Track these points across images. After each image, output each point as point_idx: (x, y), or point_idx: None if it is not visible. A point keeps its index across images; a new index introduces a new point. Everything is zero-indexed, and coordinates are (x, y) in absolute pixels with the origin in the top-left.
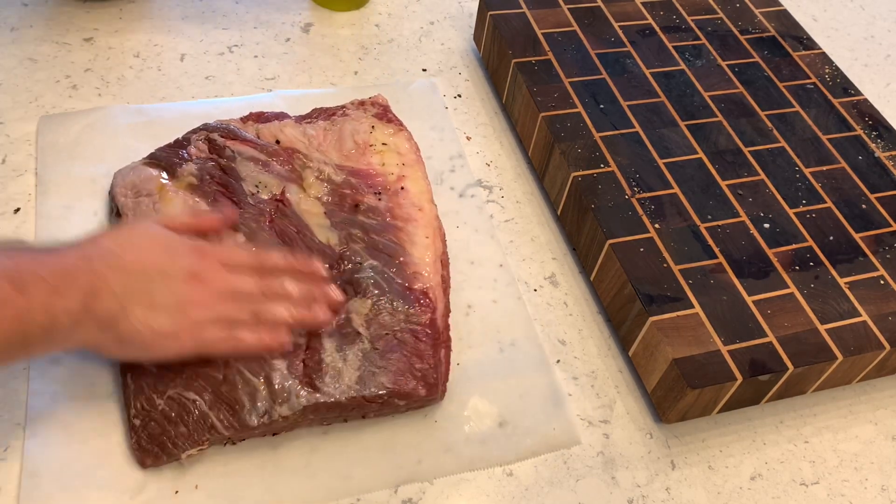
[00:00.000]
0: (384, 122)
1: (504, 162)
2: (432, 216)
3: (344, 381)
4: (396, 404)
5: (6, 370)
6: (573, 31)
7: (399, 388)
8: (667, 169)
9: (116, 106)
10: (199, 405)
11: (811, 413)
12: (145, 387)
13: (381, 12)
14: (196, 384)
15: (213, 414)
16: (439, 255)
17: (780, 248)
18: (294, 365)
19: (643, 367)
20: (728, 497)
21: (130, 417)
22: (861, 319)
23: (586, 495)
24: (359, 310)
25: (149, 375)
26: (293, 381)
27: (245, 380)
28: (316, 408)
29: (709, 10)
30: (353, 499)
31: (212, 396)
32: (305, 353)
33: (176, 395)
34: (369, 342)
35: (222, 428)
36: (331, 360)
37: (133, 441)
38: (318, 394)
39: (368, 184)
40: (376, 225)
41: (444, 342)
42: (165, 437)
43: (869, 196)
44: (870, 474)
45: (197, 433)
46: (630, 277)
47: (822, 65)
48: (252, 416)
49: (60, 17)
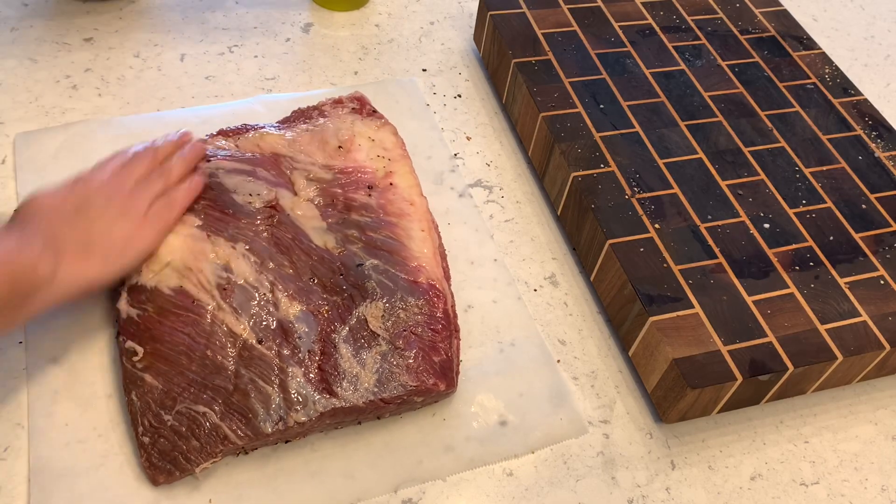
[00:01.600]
0: (365, 117)
1: (504, 162)
2: (424, 209)
3: (362, 385)
4: (414, 402)
5: (6, 370)
6: (573, 31)
7: (420, 386)
8: (667, 169)
9: (93, 121)
10: (210, 417)
11: (811, 413)
12: (151, 403)
13: (381, 12)
14: (205, 396)
15: (226, 424)
16: (437, 246)
17: (780, 248)
18: (309, 371)
19: (643, 367)
20: (728, 497)
21: (139, 436)
22: (861, 319)
23: (586, 495)
24: (372, 312)
25: (154, 391)
26: (309, 388)
27: (258, 388)
28: (333, 413)
29: (709, 10)
30: (353, 499)
31: (223, 407)
32: (321, 359)
33: (185, 410)
34: (387, 343)
35: (236, 438)
36: (348, 364)
37: (143, 459)
38: (334, 399)
39: (358, 181)
40: (371, 222)
41: (455, 332)
42: (177, 452)
43: (869, 196)
44: (870, 474)
45: (210, 445)
46: (630, 277)
47: (822, 65)
48: (266, 424)
49: (60, 17)
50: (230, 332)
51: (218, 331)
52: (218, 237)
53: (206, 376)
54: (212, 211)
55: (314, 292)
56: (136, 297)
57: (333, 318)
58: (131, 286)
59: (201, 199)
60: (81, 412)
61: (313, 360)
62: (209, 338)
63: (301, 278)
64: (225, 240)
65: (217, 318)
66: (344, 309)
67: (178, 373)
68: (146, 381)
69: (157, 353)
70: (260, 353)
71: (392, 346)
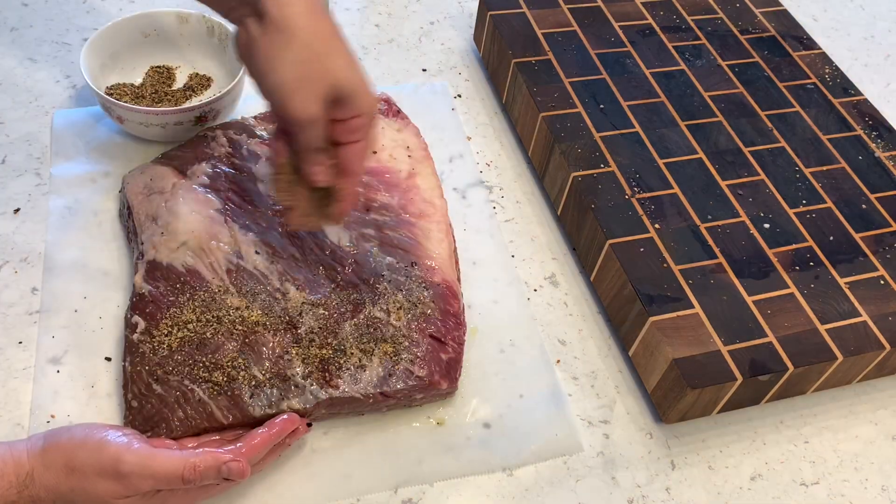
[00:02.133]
0: (389, 118)
1: (504, 162)
2: (444, 212)
3: (364, 378)
4: (415, 398)
5: (6, 370)
6: (573, 31)
7: (426, 381)
8: (667, 169)
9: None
10: (199, 393)
11: (811, 413)
12: (144, 373)
13: (381, 12)
14: (199, 374)
15: (214, 402)
16: (453, 249)
17: (780, 248)
18: (310, 360)
19: (643, 367)
20: (728, 497)
21: (128, 400)
22: (861, 319)
23: (586, 495)
24: (383, 308)
25: (150, 362)
26: (307, 377)
27: (253, 372)
28: (330, 403)
29: (709, 10)
30: (353, 499)
31: (214, 386)
32: (324, 350)
33: (176, 383)
34: (397, 338)
35: (221, 416)
36: (352, 357)
37: (127, 422)
38: (332, 389)
39: (380, 180)
40: (389, 221)
41: (464, 333)
42: (161, 419)
43: (869, 196)
44: (870, 474)
45: (194, 419)
46: (630, 277)
47: (822, 65)
48: (255, 408)
49: (60, 17)
50: (235, 316)
51: (223, 313)
52: (234, 223)
53: (204, 355)
54: (234, 195)
55: (323, 285)
56: (151, 273)
57: (342, 311)
58: (149, 262)
59: (228, 181)
60: (81, 412)
61: (316, 350)
62: (213, 319)
63: (312, 271)
64: (240, 227)
65: (224, 301)
66: (353, 303)
67: (177, 348)
68: (142, 352)
69: (159, 328)
70: (263, 338)
71: (401, 342)
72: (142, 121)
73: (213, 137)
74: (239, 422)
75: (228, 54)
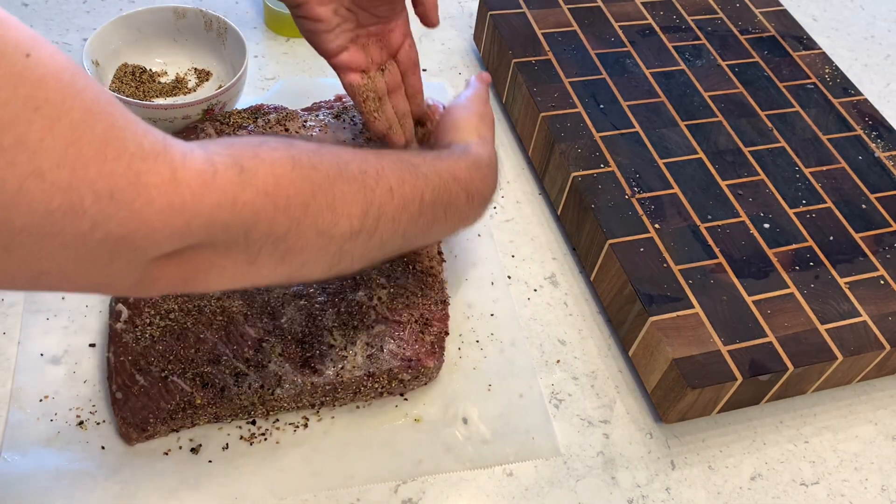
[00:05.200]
0: None
1: (504, 162)
2: None
3: (349, 363)
4: (403, 379)
5: (6, 370)
6: (573, 31)
7: (408, 363)
8: (667, 169)
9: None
10: (180, 384)
11: (811, 413)
12: (126, 363)
13: None
14: (179, 366)
15: (198, 393)
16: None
17: (780, 248)
18: (292, 350)
19: (643, 367)
20: (728, 497)
21: (112, 392)
22: (861, 319)
23: (586, 495)
24: (368, 294)
25: (132, 353)
26: (288, 366)
27: (235, 363)
28: (314, 390)
29: (709, 10)
30: (353, 498)
31: (196, 377)
32: (307, 338)
33: (157, 374)
34: (381, 321)
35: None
36: (335, 344)
37: (118, 417)
38: (315, 376)
39: None
40: None
41: (448, 315)
42: (148, 412)
43: (869, 196)
44: (870, 474)
45: (180, 411)
46: (630, 277)
47: (822, 65)
48: (241, 397)
49: (60, 17)
50: (217, 308)
51: (203, 303)
52: None
53: (186, 346)
54: None
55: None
56: None
57: (324, 298)
58: None
59: None
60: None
61: (298, 338)
62: (193, 309)
63: None
64: None
65: (205, 293)
66: (335, 289)
67: (159, 338)
68: (125, 342)
69: (142, 318)
70: (244, 331)
71: (385, 325)
72: (150, 116)
73: (202, 129)
74: (225, 412)
75: (226, 48)
